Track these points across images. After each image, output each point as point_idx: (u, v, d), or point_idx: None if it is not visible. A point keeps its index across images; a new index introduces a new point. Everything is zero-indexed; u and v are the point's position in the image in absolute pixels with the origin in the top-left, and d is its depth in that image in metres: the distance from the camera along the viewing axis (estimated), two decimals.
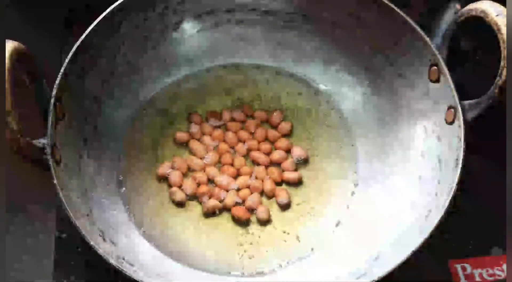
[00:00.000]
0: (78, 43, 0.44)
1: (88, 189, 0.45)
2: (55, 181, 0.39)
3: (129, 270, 0.38)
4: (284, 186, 0.50)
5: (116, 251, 0.42)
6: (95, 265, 0.47)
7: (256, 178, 0.50)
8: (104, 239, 0.42)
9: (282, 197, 0.49)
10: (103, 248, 0.39)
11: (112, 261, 0.38)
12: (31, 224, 0.51)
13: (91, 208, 0.44)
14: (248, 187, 0.49)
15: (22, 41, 0.39)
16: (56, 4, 0.60)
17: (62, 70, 0.42)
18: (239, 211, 0.48)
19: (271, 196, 0.49)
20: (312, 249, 0.47)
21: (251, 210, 0.48)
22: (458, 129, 0.42)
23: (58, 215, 0.50)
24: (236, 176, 0.50)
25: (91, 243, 0.38)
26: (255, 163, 0.51)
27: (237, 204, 0.48)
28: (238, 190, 0.49)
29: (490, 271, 0.49)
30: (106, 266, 0.38)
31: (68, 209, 0.38)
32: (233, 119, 0.53)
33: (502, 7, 0.40)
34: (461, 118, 0.42)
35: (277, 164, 0.51)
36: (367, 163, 0.51)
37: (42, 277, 0.48)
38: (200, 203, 0.48)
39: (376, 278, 0.38)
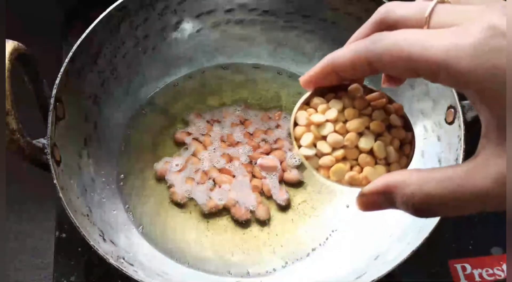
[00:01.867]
0: (78, 43, 0.44)
1: (88, 189, 0.45)
2: (55, 181, 0.39)
3: (129, 270, 0.38)
4: (284, 186, 0.50)
5: (116, 251, 0.42)
6: (95, 265, 0.48)
7: (256, 177, 0.50)
8: (104, 239, 0.42)
9: (282, 197, 0.49)
10: (103, 248, 0.39)
11: (112, 261, 0.38)
12: (31, 224, 0.51)
13: (91, 208, 0.44)
14: (248, 186, 0.49)
15: (22, 41, 0.39)
16: (56, 4, 0.60)
17: (62, 70, 0.42)
18: (239, 211, 0.48)
19: (271, 196, 0.49)
20: (312, 249, 0.47)
21: (251, 210, 0.48)
22: (458, 129, 0.42)
23: (58, 215, 0.50)
24: (236, 176, 0.50)
25: (91, 243, 0.38)
26: (255, 162, 0.51)
27: (236, 204, 0.48)
28: (238, 189, 0.49)
29: (490, 271, 0.49)
30: (106, 266, 0.38)
31: (68, 209, 0.38)
32: (232, 120, 0.53)
33: None
34: (461, 118, 0.42)
35: None
36: None
37: (42, 277, 0.49)
38: (200, 204, 0.48)
39: (376, 278, 0.38)
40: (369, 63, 0.23)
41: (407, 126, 0.27)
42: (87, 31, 0.45)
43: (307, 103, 0.27)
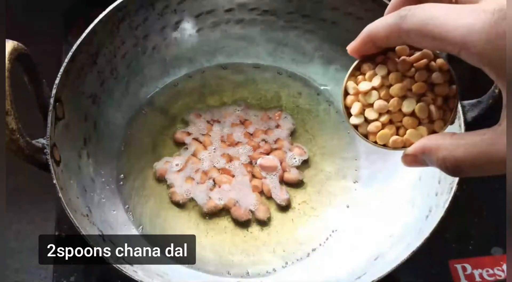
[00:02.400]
0: (78, 43, 0.44)
1: (87, 189, 0.45)
2: (54, 181, 0.39)
3: (128, 270, 0.38)
4: (284, 186, 0.50)
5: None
6: (95, 265, 0.48)
7: (256, 177, 0.50)
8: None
9: (282, 197, 0.49)
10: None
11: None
12: (31, 224, 0.51)
13: (90, 208, 0.44)
14: (248, 186, 0.49)
15: (22, 41, 0.39)
16: (56, 4, 0.60)
17: (62, 70, 0.42)
18: (239, 211, 0.48)
19: (271, 196, 0.49)
20: (312, 249, 0.47)
21: (251, 210, 0.48)
22: (458, 130, 0.42)
23: (58, 215, 0.50)
24: (236, 176, 0.50)
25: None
26: (255, 162, 0.51)
27: (236, 204, 0.48)
28: (238, 189, 0.49)
29: (490, 271, 0.49)
30: (106, 266, 0.38)
31: (68, 209, 0.38)
32: (232, 120, 0.53)
33: None
34: (461, 118, 0.42)
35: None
36: (367, 163, 0.51)
37: (42, 277, 0.49)
38: (200, 204, 0.48)
39: (376, 278, 0.38)
40: (401, 38, 0.25)
41: (452, 80, 0.28)
42: (87, 31, 0.45)
43: (357, 68, 0.30)
